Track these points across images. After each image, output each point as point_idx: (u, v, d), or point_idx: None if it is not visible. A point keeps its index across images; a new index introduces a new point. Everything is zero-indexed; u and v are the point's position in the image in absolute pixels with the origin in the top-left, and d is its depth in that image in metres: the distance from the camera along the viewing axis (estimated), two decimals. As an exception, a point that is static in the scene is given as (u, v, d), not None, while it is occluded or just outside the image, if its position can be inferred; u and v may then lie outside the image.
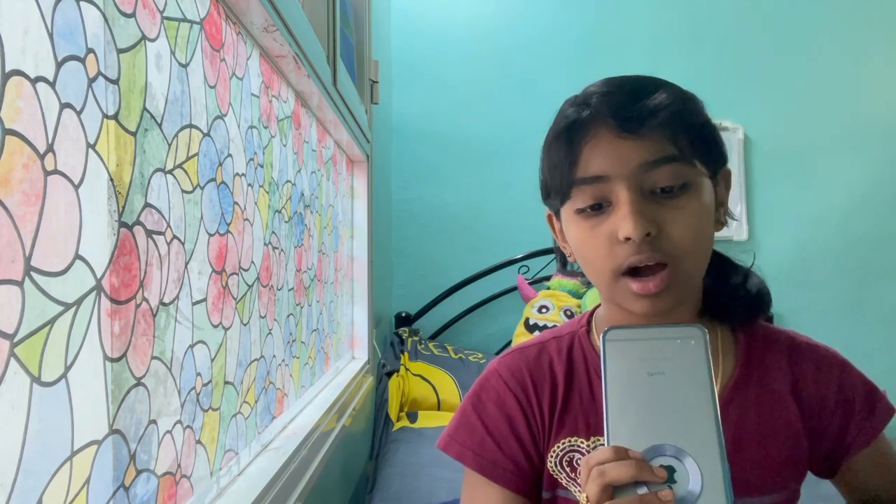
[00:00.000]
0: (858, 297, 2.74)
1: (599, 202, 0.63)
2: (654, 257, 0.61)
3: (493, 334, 2.74)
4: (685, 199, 0.62)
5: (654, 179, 0.62)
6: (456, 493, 1.53)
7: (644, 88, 0.64)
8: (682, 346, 0.54)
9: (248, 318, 0.93)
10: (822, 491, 0.82)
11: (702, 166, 0.64)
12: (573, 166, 0.64)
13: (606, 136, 0.63)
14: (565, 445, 0.71)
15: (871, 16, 2.78)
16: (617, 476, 0.50)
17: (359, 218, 1.94)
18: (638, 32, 2.82)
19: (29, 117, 0.44)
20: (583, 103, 0.65)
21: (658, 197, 0.62)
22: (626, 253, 0.62)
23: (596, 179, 0.63)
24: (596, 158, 0.63)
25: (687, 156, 0.62)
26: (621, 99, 0.63)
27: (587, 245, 0.65)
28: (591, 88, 0.67)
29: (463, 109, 2.82)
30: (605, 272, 0.64)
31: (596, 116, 0.63)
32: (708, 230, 0.65)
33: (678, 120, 0.63)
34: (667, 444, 0.51)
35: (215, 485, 0.80)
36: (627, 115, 0.62)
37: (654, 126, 0.61)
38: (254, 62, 0.98)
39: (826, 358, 0.74)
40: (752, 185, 2.78)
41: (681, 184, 0.62)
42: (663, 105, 0.62)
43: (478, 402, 0.76)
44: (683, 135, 0.63)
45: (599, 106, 0.63)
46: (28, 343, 0.43)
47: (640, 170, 0.61)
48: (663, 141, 0.62)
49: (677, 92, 0.65)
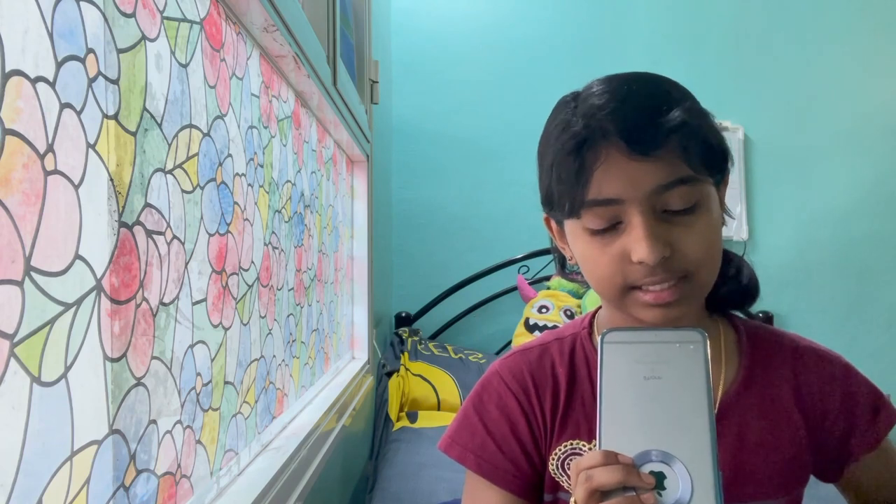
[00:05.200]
0: (858, 297, 2.74)
1: (611, 223, 0.62)
2: (669, 277, 0.61)
3: (493, 334, 2.73)
4: (696, 216, 0.61)
5: (666, 201, 0.60)
6: (456, 493, 1.53)
7: (655, 106, 0.61)
8: (681, 351, 0.54)
9: (248, 318, 0.93)
10: (822, 492, 0.82)
11: (711, 179, 0.63)
12: (584, 187, 0.61)
13: (618, 158, 0.60)
14: (567, 448, 0.71)
15: (872, 16, 2.78)
16: (604, 481, 0.49)
17: (359, 218, 1.94)
18: (638, 32, 2.82)
19: (29, 117, 0.44)
20: (589, 117, 0.62)
21: (670, 216, 0.61)
22: (638, 274, 0.61)
23: (609, 202, 0.61)
24: (609, 181, 0.60)
25: (698, 174, 0.61)
26: (632, 116, 0.60)
27: (596, 262, 0.64)
28: (594, 100, 0.62)
29: (463, 109, 2.82)
30: (613, 288, 0.64)
31: (606, 135, 0.60)
32: (719, 242, 0.64)
33: (692, 140, 0.60)
34: (658, 450, 0.50)
35: (215, 485, 0.80)
36: (640, 136, 0.59)
37: (668, 147, 0.60)
38: (254, 62, 0.98)
39: (830, 362, 0.73)
40: (752, 185, 2.78)
41: (692, 204, 0.61)
42: (677, 126, 0.59)
43: (479, 403, 0.76)
44: (696, 153, 0.61)
45: (608, 124, 0.60)
46: (28, 343, 0.43)
47: (654, 193, 0.60)
48: (677, 161, 0.60)
49: (689, 108, 0.62)
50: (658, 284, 0.61)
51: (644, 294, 0.62)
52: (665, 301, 0.61)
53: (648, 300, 0.62)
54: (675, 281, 0.61)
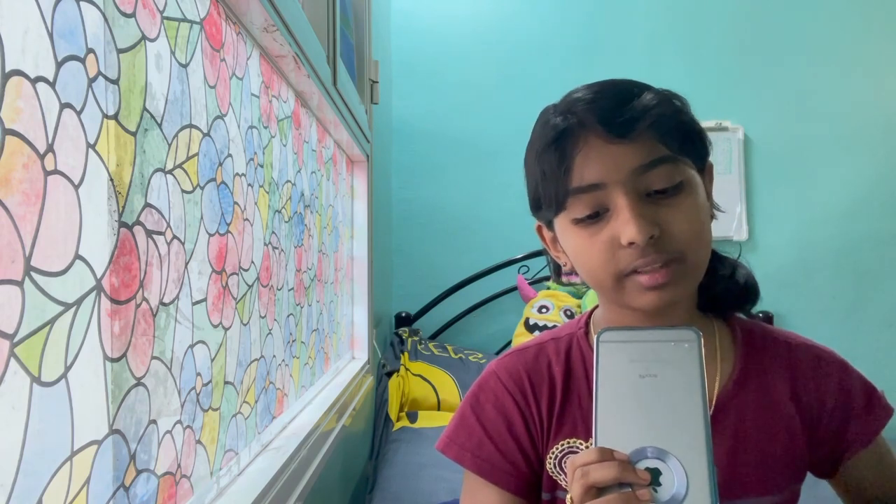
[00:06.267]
0: (858, 298, 2.74)
1: (597, 210, 0.63)
2: (660, 258, 0.61)
3: (493, 334, 2.74)
4: (682, 197, 0.63)
5: (649, 182, 0.62)
6: (456, 493, 1.53)
7: (628, 92, 0.64)
8: (676, 349, 0.54)
9: (248, 318, 0.93)
10: (821, 492, 0.82)
11: (691, 162, 0.65)
12: (566, 176, 0.63)
13: (597, 143, 0.62)
14: (564, 447, 0.72)
15: (872, 16, 2.77)
16: (600, 477, 0.50)
17: (359, 218, 1.94)
18: (637, 33, 2.81)
19: (29, 117, 0.44)
20: (567, 111, 0.65)
21: (655, 198, 0.63)
22: (629, 257, 0.62)
23: (592, 188, 0.63)
24: (590, 166, 0.62)
25: (677, 154, 0.63)
26: (607, 104, 0.63)
27: (587, 253, 0.65)
28: (574, 96, 0.66)
29: (463, 109, 2.82)
30: (607, 277, 0.64)
31: (584, 124, 0.63)
32: (707, 224, 0.66)
33: (666, 120, 0.63)
34: (653, 447, 0.51)
35: (215, 485, 0.80)
36: (616, 120, 0.62)
37: (644, 129, 0.62)
38: (254, 62, 0.98)
39: (825, 359, 0.74)
40: (752, 185, 2.78)
41: (676, 183, 0.63)
42: (650, 106, 0.62)
43: (476, 403, 0.76)
44: (672, 134, 0.63)
45: (585, 113, 0.63)
46: (28, 343, 0.43)
47: (635, 174, 0.62)
48: (654, 142, 0.62)
49: (660, 92, 0.65)
50: (650, 265, 0.62)
51: (638, 277, 0.63)
52: (658, 283, 0.62)
53: (642, 282, 0.62)
54: (667, 261, 0.62)
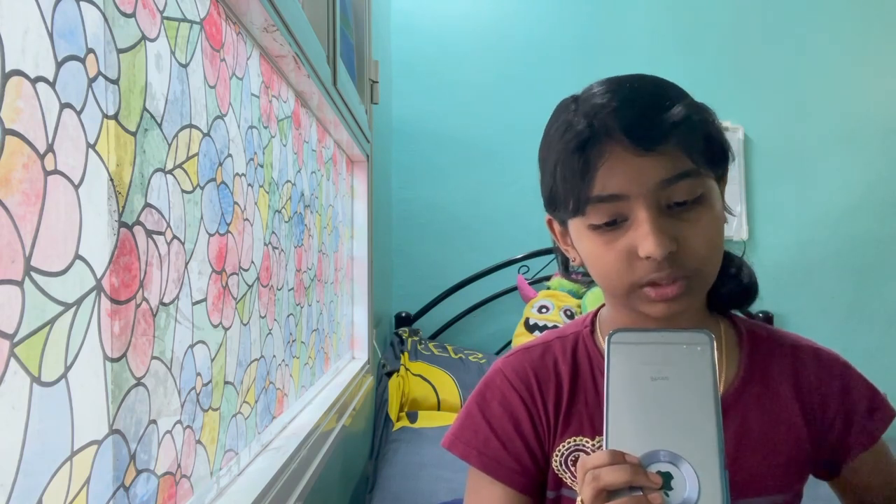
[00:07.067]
0: (858, 297, 2.74)
1: (615, 218, 0.63)
2: (675, 273, 0.61)
3: (493, 334, 2.73)
4: (700, 210, 0.62)
5: (670, 194, 0.61)
6: (456, 493, 1.53)
7: (655, 101, 0.62)
8: (688, 352, 0.54)
9: (248, 318, 0.93)
10: (821, 492, 0.82)
11: (711, 172, 0.64)
12: (589, 184, 0.62)
13: (622, 154, 0.61)
14: (570, 445, 0.72)
15: (871, 16, 2.77)
16: (611, 480, 0.49)
17: (359, 218, 1.94)
18: (638, 32, 2.81)
19: (29, 117, 0.44)
20: (591, 115, 0.63)
21: (675, 210, 0.62)
22: (645, 269, 0.62)
23: (613, 198, 0.62)
24: (613, 177, 0.61)
25: (702, 168, 0.62)
26: (634, 114, 0.61)
27: (602, 260, 0.64)
28: (596, 99, 0.64)
29: (463, 109, 2.82)
30: (621, 285, 0.64)
31: (609, 132, 0.61)
32: (721, 237, 0.65)
33: (694, 134, 0.62)
34: (665, 450, 0.50)
35: (215, 485, 0.80)
36: (643, 133, 0.60)
37: (671, 142, 0.61)
38: (254, 62, 0.98)
39: (829, 361, 0.74)
40: (752, 184, 2.78)
41: (697, 196, 0.62)
42: (680, 121, 0.61)
43: (482, 401, 0.76)
44: (698, 148, 0.62)
45: (611, 122, 0.61)
46: (28, 343, 0.43)
47: (659, 187, 0.61)
48: (680, 156, 0.61)
49: (690, 104, 0.64)
50: (665, 279, 0.61)
51: (651, 290, 0.63)
52: (671, 296, 0.62)
53: (655, 294, 0.62)
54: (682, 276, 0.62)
